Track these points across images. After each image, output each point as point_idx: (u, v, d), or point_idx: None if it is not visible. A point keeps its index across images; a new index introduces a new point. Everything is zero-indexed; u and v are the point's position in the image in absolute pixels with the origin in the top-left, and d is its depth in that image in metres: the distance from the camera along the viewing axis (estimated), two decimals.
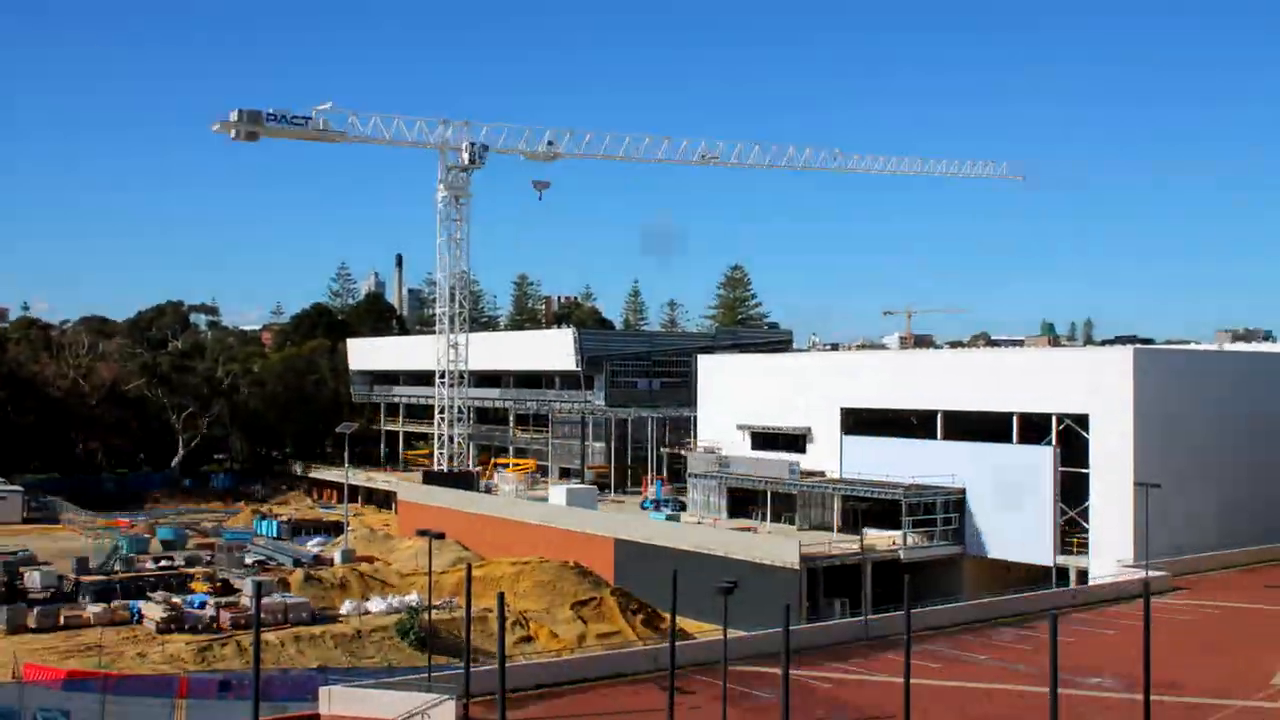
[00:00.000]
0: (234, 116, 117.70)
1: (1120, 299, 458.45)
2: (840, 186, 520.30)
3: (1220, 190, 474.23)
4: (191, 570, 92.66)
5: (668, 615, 50.00)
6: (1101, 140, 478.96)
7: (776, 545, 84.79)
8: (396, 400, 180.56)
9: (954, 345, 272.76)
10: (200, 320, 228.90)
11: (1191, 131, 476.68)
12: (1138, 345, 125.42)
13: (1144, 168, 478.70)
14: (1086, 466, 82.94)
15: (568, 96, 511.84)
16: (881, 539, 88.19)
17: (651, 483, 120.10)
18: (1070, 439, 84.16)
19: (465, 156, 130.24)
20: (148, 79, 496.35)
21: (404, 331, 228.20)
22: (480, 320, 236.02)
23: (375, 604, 79.37)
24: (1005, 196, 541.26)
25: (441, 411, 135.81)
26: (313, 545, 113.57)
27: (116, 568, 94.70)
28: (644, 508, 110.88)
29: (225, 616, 73.63)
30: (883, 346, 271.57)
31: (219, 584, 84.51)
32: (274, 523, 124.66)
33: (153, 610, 74.35)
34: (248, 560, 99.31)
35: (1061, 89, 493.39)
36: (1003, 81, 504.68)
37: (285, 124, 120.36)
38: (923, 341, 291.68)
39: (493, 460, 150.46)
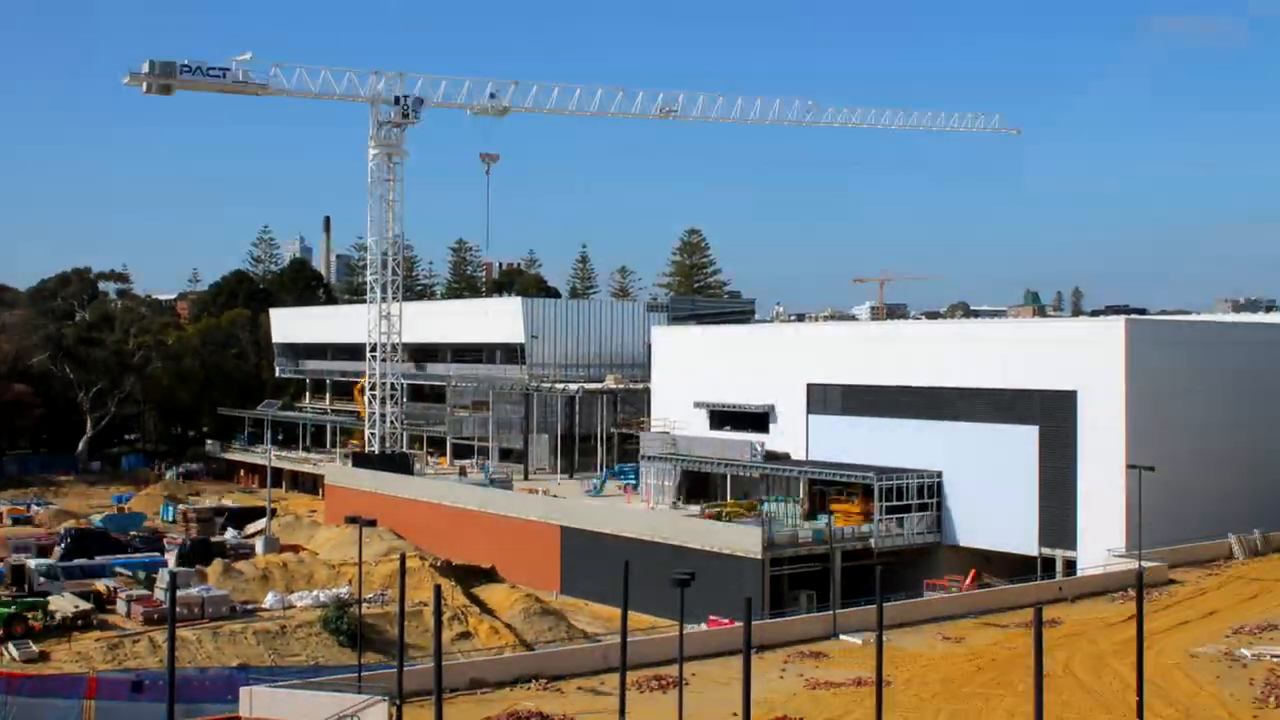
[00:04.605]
0: (146, 68, 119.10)
1: (1111, 265, 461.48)
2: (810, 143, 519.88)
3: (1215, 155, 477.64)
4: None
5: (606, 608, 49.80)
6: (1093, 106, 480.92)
7: (737, 533, 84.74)
8: (323, 375, 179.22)
9: (930, 316, 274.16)
10: (110, 289, 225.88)
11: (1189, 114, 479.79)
12: (1131, 316, 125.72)
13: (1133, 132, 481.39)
14: (1074, 448, 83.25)
15: (511, 43, 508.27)
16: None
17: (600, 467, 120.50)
18: (1057, 418, 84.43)
19: (398, 111, 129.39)
20: (51, 29, 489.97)
21: (332, 301, 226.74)
22: (415, 289, 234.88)
23: (301, 597, 78.81)
24: (989, 155, 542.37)
25: (373, 388, 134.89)
26: (231, 534, 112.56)
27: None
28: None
29: (136, 611, 72.75)
30: (853, 318, 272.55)
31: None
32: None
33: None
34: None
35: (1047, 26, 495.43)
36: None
37: (201, 75, 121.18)
38: (896, 312, 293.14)
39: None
